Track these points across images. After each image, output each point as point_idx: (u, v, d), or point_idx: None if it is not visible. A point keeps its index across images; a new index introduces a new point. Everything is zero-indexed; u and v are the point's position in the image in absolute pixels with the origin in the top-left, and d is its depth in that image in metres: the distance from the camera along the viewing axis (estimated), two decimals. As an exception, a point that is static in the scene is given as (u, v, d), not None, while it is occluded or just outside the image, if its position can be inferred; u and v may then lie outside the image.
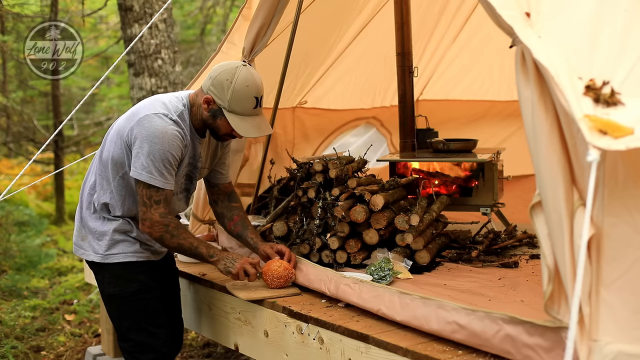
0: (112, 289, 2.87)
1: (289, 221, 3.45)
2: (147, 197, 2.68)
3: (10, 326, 4.64)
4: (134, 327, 2.88)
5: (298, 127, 4.72)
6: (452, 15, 5.21)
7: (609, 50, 1.94)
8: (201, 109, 2.79)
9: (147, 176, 2.65)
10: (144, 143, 2.65)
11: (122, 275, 2.84)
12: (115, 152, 2.77)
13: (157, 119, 2.68)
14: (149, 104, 2.76)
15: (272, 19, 3.36)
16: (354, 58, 4.92)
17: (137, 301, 2.87)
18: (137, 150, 2.67)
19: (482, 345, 2.17)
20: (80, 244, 2.90)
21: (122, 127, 2.76)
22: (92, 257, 2.85)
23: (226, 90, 2.72)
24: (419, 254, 3.22)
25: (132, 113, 2.78)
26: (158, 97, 2.82)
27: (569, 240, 1.81)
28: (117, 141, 2.76)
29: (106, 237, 2.81)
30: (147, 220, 2.70)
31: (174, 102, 2.78)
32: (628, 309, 1.80)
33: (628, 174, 1.79)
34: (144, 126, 2.66)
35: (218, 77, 2.74)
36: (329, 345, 2.53)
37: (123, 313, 2.89)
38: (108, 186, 2.81)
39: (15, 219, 6.77)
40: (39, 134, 8.98)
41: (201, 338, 4.59)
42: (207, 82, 2.78)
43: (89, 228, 2.86)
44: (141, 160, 2.65)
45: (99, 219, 2.84)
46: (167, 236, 2.73)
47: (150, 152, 2.64)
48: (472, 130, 5.24)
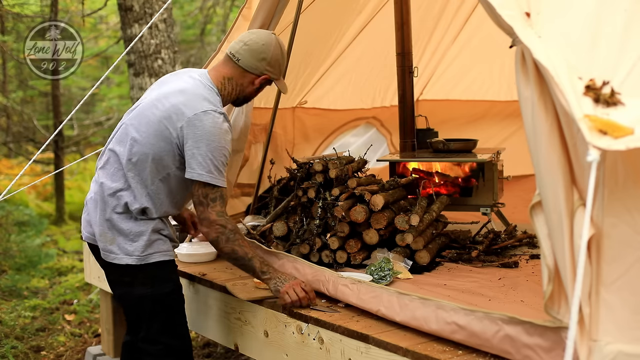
0: (146, 290, 2.71)
1: (289, 221, 3.45)
2: (203, 196, 2.60)
3: (10, 326, 4.64)
4: (166, 329, 2.76)
5: (298, 127, 4.73)
6: (452, 15, 5.21)
7: (609, 50, 1.94)
8: (243, 87, 2.81)
9: (208, 176, 2.58)
10: (200, 143, 2.57)
11: (158, 276, 2.72)
12: (156, 155, 2.63)
13: (208, 116, 2.59)
14: (192, 101, 2.63)
15: (272, 19, 3.36)
16: (354, 58, 4.92)
17: (172, 301, 2.78)
18: (192, 151, 2.58)
19: (482, 345, 2.17)
20: (109, 249, 2.68)
21: (162, 129, 2.62)
22: (125, 259, 2.66)
23: (282, 64, 2.86)
24: (419, 254, 3.22)
25: (173, 112, 2.62)
26: (191, 91, 2.68)
27: (569, 240, 1.81)
28: (158, 144, 2.63)
29: (143, 237, 2.66)
30: (205, 220, 2.61)
31: (212, 95, 2.70)
32: (628, 309, 1.80)
33: (628, 174, 1.79)
34: (197, 126, 2.57)
35: (273, 55, 2.78)
36: (329, 345, 2.53)
37: (156, 314, 2.74)
38: (144, 189, 2.66)
39: (15, 219, 6.77)
40: (39, 134, 8.98)
41: (201, 338, 4.59)
42: (257, 62, 2.77)
43: (120, 230, 2.67)
44: (199, 160, 2.57)
45: (131, 220, 2.67)
46: (222, 238, 2.63)
47: (209, 151, 2.57)
48: (472, 130, 5.24)
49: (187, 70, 2.86)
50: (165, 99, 2.67)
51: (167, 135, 2.62)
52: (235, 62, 2.78)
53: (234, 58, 2.78)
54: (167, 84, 2.79)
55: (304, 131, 4.78)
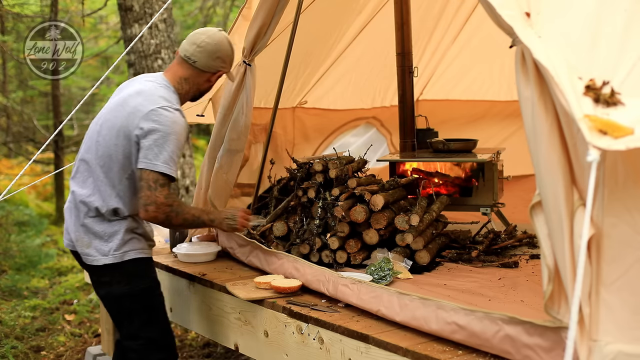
0: (124, 288, 2.83)
1: (289, 221, 3.45)
2: (153, 180, 2.69)
3: (10, 326, 4.64)
4: (146, 324, 2.87)
5: (298, 127, 4.72)
6: (452, 15, 5.21)
7: (609, 50, 1.94)
8: (199, 86, 2.96)
9: (163, 166, 2.69)
10: (158, 135, 2.69)
11: (134, 273, 2.84)
12: (119, 154, 2.76)
13: (165, 111, 2.73)
14: (148, 99, 2.77)
15: (272, 19, 3.36)
16: (354, 58, 4.92)
17: (150, 297, 2.89)
18: (149, 143, 2.69)
19: (482, 345, 2.17)
20: (86, 252, 2.83)
21: (123, 127, 2.75)
22: (102, 260, 2.79)
23: (233, 58, 3.03)
24: (419, 254, 3.22)
25: (131, 112, 2.75)
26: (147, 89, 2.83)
27: (569, 240, 1.81)
28: (120, 142, 2.76)
29: (117, 236, 2.79)
30: (152, 204, 2.69)
31: (168, 93, 2.85)
32: (628, 309, 1.80)
33: (628, 174, 1.79)
34: (154, 120, 2.71)
35: (225, 52, 2.94)
36: (329, 345, 2.53)
37: (135, 310, 2.86)
38: (112, 190, 2.79)
39: (15, 219, 6.77)
40: (39, 134, 8.98)
41: (201, 338, 4.58)
42: (212, 62, 2.92)
43: (95, 232, 2.80)
44: (155, 152, 2.69)
45: (104, 222, 2.80)
46: (172, 215, 2.75)
47: (165, 143, 2.70)
48: (472, 130, 5.24)
49: (143, 76, 3.04)
50: (125, 102, 2.83)
51: (128, 134, 2.74)
52: (191, 64, 2.91)
53: (190, 60, 2.91)
54: (125, 89, 2.94)
55: (304, 131, 4.78)
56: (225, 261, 3.51)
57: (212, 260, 3.53)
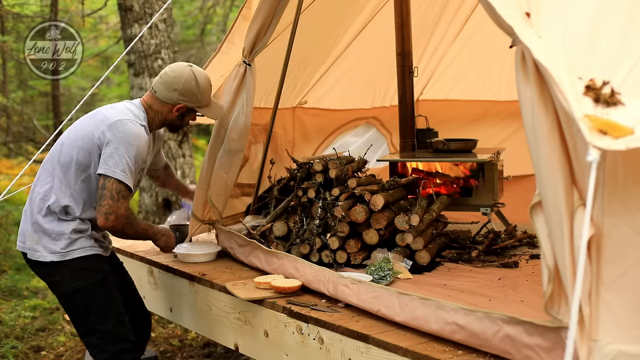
0: (76, 284, 2.93)
1: (289, 221, 3.45)
2: (116, 191, 2.86)
3: (10, 326, 4.64)
4: (102, 318, 2.95)
5: (298, 127, 4.72)
6: (452, 15, 5.21)
7: (609, 50, 1.94)
8: (164, 115, 3.12)
9: (121, 174, 2.86)
10: (120, 144, 2.87)
11: (85, 268, 2.94)
12: (80, 156, 2.93)
13: (130, 124, 2.93)
14: (117, 111, 2.98)
15: (272, 19, 3.36)
16: (354, 58, 4.92)
17: (104, 290, 2.98)
18: (111, 151, 2.87)
19: (482, 345, 2.17)
20: (34, 248, 2.96)
21: (88, 132, 2.93)
22: (49, 257, 2.91)
23: (197, 93, 3.11)
24: (419, 254, 3.22)
25: (100, 120, 2.95)
26: (120, 105, 3.06)
27: (569, 240, 1.81)
28: (83, 146, 2.93)
29: (64, 236, 2.92)
30: (113, 213, 2.86)
31: (138, 110, 3.05)
32: (628, 309, 1.80)
33: (628, 174, 1.79)
34: (119, 129, 2.90)
35: (184, 85, 3.07)
36: (329, 345, 2.53)
37: (91, 305, 2.94)
38: (67, 189, 2.94)
39: (15, 219, 6.76)
40: (39, 134, 8.98)
41: (201, 338, 4.58)
42: (169, 94, 3.08)
43: (44, 230, 2.93)
44: (115, 159, 2.86)
45: (54, 221, 2.94)
46: (128, 226, 2.94)
47: (127, 153, 2.87)
48: (472, 130, 5.24)
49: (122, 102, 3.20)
50: (96, 113, 3.06)
51: (91, 138, 2.92)
52: (153, 94, 3.12)
53: (153, 90, 3.12)
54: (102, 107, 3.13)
55: (304, 131, 4.78)
56: (225, 261, 3.51)
57: (212, 260, 3.53)
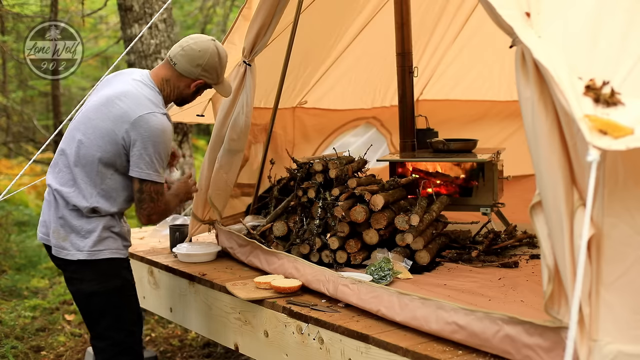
0: (96, 287, 2.83)
1: (289, 221, 3.45)
2: (155, 192, 2.79)
3: (10, 326, 4.64)
4: (114, 326, 2.86)
5: (298, 127, 4.72)
6: (452, 15, 5.21)
7: (609, 50, 1.94)
8: (180, 90, 2.94)
9: (155, 176, 2.77)
10: (147, 144, 2.73)
11: (106, 272, 2.83)
12: (104, 156, 2.76)
13: (153, 118, 2.74)
14: (135, 103, 2.76)
15: (272, 19, 3.36)
16: (354, 58, 4.92)
17: (122, 297, 2.89)
18: (140, 152, 2.73)
19: (482, 345, 2.17)
20: (61, 245, 2.83)
21: (109, 131, 2.75)
22: (77, 255, 2.79)
23: (218, 69, 2.96)
24: (419, 254, 3.22)
25: (119, 115, 2.74)
26: (133, 91, 2.81)
27: (569, 240, 1.81)
28: (106, 146, 2.75)
29: (94, 233, 2.79)
30: (155, 214, 2.83)
31: (154, 94, 2.84)
32: (628, 309, 1.80)
33: (628, 174, 1.79)
34: (144, 127, 2.72)
35: (209, 61, 2.89)
36: (329, 345, 2.53)
37: (106, 310, 2.86)
38: (93, 189, 2.79)
39: (15, 219, 6.76)
40: (39, 134, 8.98)
41: (201, 338, 4.58)
42: (192, 68, 2.89)
43: (72, 226, 2.80)
44: (146, 160, 2.74)
45: (83, 217, 2.80)
46: (167, 214, 2.93)
47: (155, 152, 2.74)
48: (472, 130, 5.23)
49: (130, 71, 2.98)
50: (110, 103, 2.79)
51: (114, 138, 2.75)
52: (172, 66, 2.91)
53: (171, 62, 2.91)
54: (110, 85, 2.91)
55: (304, 131, 4.78)
56: (225, 261, 3.51)
57: (212, 260, 3.53)
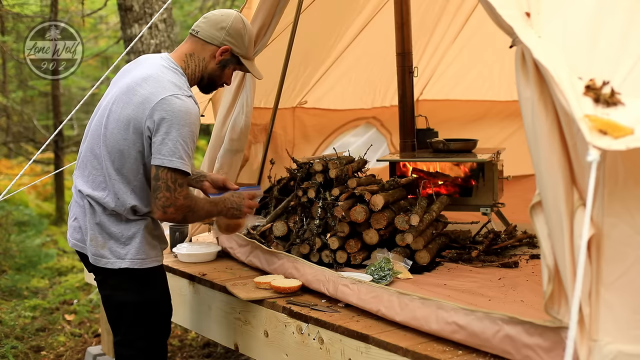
0: (131, 296, 2.66)
1: (289, 221, 3.45)
2: (172, 180, 2.50)
3: (10, 326, 4.64)
4: (142, 337, 2.73)
5: (298, 127, 4.73)
6: (452, 15, 5.21)
7: (609, 50, 1.94)
8: (205, 64, 2.71)
9: (178, 162, 2.49)
10: (170, 128, 2.48)
11: (145, 282, 2.68)
12: (131, 147, 2.56)
13: (177, 100, 2.51)
14: (156, 87, 2.54)
15: (272, 19, 3.36)
16: (354, 58, 4.92)
17: (155, 309, 2.75)
18: (162, 137, 2.48)
19: (482, 345, 2.17)
20: (100, 253, 2.62)
21: (131, 118, 2.54)
22: (117, 264, 2.60)
23: (244, 36, 2.72)
24: (419, 254, 3.22)
25: (140, 102, 2.53)
26: (154, 75, 2.60)
27: (569, 240, 1.81)
28: (129, 136, 2.55)
29: (135, 239, 2.62)
30: (172, 205, 2.50)
31: (177, 77, 2.62)
32: (628, 309, 1.80)
33: (628, 174, 1.79)
34: (166, 110, 2.49)
35: (232, 24, 2.69)
36: (329, 345, 2.53)
37: (137, 321, 2.70)
38: (127, 186, 2.59)
39: (15, 219, 6.76)
40: (39, 134, 8.99)
41: (201, 338, 4.59)
42: (215, 32, 2.68)
43: (110, 233, 2.61)
44: (169, 147, 2.48)
45: (122, 222, 2.62)
46: (189, 215, 2.59)
47: (180, 136, 2.49)
48: (472, 130, 5.24)
49: (147, 57, 2.78)
50: (131, 90, 2.58)
51: (138, 127, 2.53)
52: (194, 36, 2.71)
53: (194, 32, 2.72)
54: (129, 73, 2.70)
55: (304, 131, 4.78)
56: (225, 261, 3.51)
57: (212, 260, 3.53)
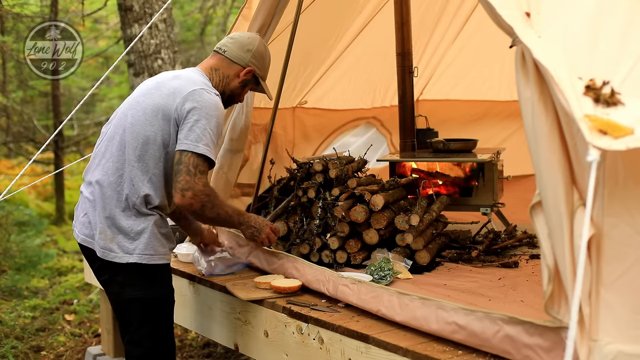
0: (139, 292, 2.68)
1: (289, 221, 3.45)
2: (193, 165, 2.56)
3: (10, 326, 4.64)
4: (152, 334, 2.74)
5: (298, 127, 4.73)
6: (452, 15, 5.21)
7: (609, 50, 1.94)
8: (229, 80, 2.88)
9: (203, 148, 2.58)
10: (200, 116, 2.60)
11: (153, 279, 2.70)
12: (157, 133, 2.64)
13: (207, 93, 2.67)
14: (188, 81, 2.71)
15: (272, 19, 3.36)
16: (354, 58, 4.92)
17: (164, 307, 2.77)
18: (191, 124, 2.59)
19: (482, 345, 2.17)
20: (108, 247, 2.64)
21: (160, 106, 2.65)
22: (125, 258, 2.63)
23: (265, 60, 2.95)
24: (419, 254, 3.22)
25: (170, 93, 2.66)
26: (185, 74, 2.78)
27: (569, 240, 1.81)
28: (157, 122, 2.64)
29: (144, 235, 2.64)
30: (190, 190, 2.54)
31: (205, 80, 2.79)
32: (628, 309, 1.80)
33: (628, 174, 1.79)
34: (197, 100, 2.63)
35: (257, 48, 2.91)
36: (329, 345, 2.53)
37: (146, 319, 2.72)
38: (145, 175, 2.64)
39: (15, 219, 6.76)
40: (39, 134, 8.99)
41: (201, 338, 4.59)
42: (243, 53, 2.87)
43: (120, 227, 2.64)
44: (197, 133, 2.58)
45: (132, 217, 2.64)
46: (208, 206, 2.62)
47: (208, 125, 2.61)
48: (472, 130, 5.24)
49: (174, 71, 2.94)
50: (161, 85, 2.73)
51: (167, 114, 2.64)
52: (221, 54, 2.89)
53: (221, 50, 2.90)
54: (158, 76, 2.86)
55: (304, 131, 4.78)
56: (225, 261, 3.51)
57: (212, 260, 3.53)
